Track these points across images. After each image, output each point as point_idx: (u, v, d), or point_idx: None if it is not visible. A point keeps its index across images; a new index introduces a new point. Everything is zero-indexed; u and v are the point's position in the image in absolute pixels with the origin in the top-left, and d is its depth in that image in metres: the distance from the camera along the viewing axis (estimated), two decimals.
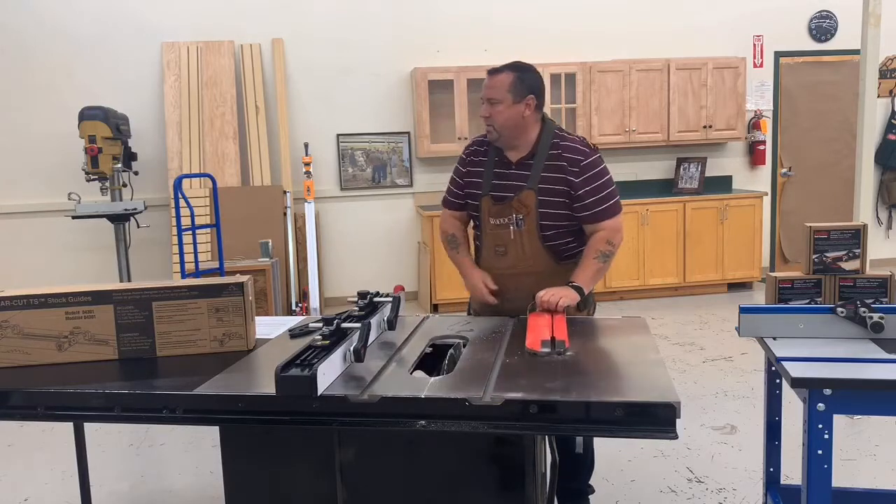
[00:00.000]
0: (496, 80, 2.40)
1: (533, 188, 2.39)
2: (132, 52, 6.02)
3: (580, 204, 2.40)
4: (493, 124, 2.40)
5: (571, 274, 2.40)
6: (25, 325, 2.02)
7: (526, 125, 2.42)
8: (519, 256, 2.43)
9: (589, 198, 2.39)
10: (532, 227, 2.40)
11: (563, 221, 2.42)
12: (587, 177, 2.39)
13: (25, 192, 6.00)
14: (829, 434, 1.69)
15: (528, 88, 2.41)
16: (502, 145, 2.47)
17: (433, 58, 6.35)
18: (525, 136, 2.43)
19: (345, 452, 1.76)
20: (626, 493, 2.98)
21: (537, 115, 2.45)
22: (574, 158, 2.38)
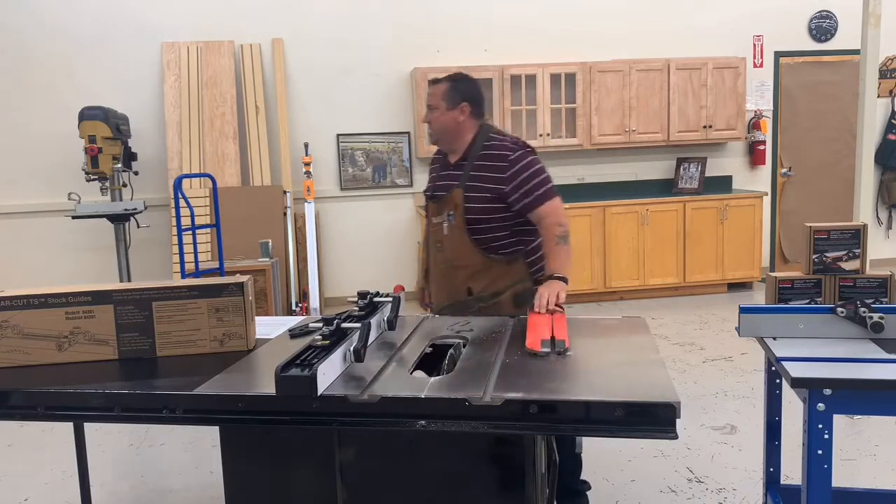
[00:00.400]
0: (434, 89, 2.64)
1: (461, 186, 2.56)
2: (132, 52, 6.02)
3: (515, 195, 2.51)
4: (432, 128, 2.67)
5: (503, 269, 2.55)
6: (25, 325, 2.02)
7: (461, 130, 2.61)
8: (453, 250, 2.59)
9: (522, 187, 2.51)
10: (461, 222, 2.55)
11: (491, 215, 2.53)
12: (516, 169, 2.52)
13: (25, 192, 6.00)
14: (829, 434, 1.69)
15: (461, 96, 2.59)
16: (442, 148, 2.72)
17: (433, 58, 6.35)
18: (461, 140, 2.61)
19: (345, 452, 1.76)
20: (626, 493, 2.98)
21: (473, 121, 2.62)
22: (502, 155, 2.54)
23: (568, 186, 6.70)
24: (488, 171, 2.53)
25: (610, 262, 6.28)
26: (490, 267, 2.55)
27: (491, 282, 2.55)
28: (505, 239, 2.57)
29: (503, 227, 2.56)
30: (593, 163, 6.76)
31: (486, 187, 2.52)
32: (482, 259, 2.56)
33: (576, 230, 6.16)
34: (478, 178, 2.54)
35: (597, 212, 6.23)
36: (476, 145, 2.59)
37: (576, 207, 6.21)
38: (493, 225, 2.55)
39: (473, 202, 2.53)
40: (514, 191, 2.51)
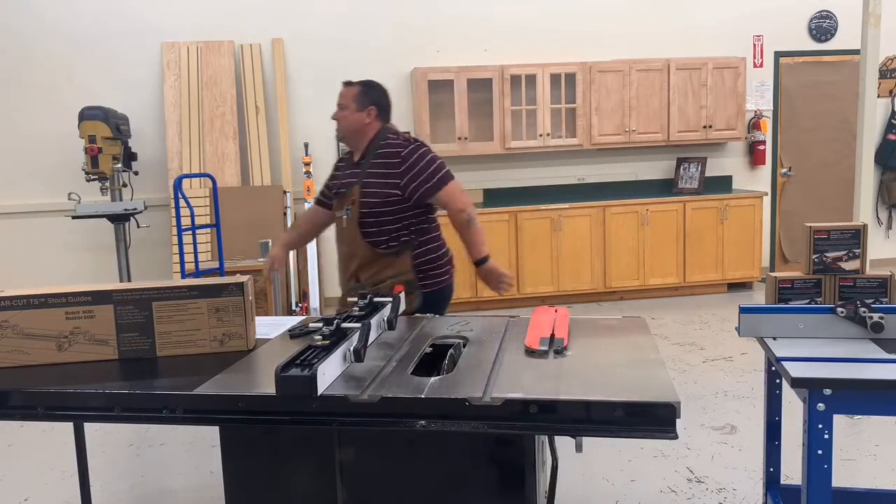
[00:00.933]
0: (346, 90, 2.80)
1: (358, 183, 2.72)
2: (132, 52, 6.02)
3: (412, 186, 2.67)
4: (339, 127, 2.82)
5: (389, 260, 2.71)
6: (25, 325, 2.02)
7: (365, 130, 2.78)
8: (349, 242, 2.77)
9: (417, 178, 2.67)
10: (355, 217, 2.72)
11: (384, 209, 2.68)
12: (409, 163, 2.68)
13: (25, 192, 6.00)
14: (829, 434, 1.69)
15: (370, 100, 2.77)
16: (347, 146, 2.88)
17: (433, 58, 6.35)
18: (364, 140, 2.79)
19: (345, 452, 1.76)
20: (626, 493, 2.98)
21: (377, 124, 2.79)
22: (395, 152, 2.71)
23: (568, 186, 6.70)
24: (383, 167, 2.70)
25: (610, 262, 6.28)
26: (378, 259, 2.72)
27: (376, 272, 2.73)
28: (395, 233, 2.72)
29: (395, 222, 2.71)
30: (593, 163, 6.76)
31: (381, 183, 2.69)
32: (371, 252, 2.73)
33: (576, 230, 6.22)
34: (374, 175, 2.71)
35: (597, 212, 6.23)
36: (374, 145, 2.77)
37: (576, 207, 6.21)
38: (384, 219, 2.70)
39: (368, 198, 2.70)
40: (410, 182, 2.67)
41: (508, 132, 6.26)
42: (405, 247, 2.73)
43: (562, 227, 6.17)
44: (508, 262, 6.13)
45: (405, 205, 2.69)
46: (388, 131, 2.79)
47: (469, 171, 6.57)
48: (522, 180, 6.66)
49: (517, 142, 6.30)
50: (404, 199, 2.68)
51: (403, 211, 2.70)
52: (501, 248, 6.12)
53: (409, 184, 2.67)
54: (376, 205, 2.69)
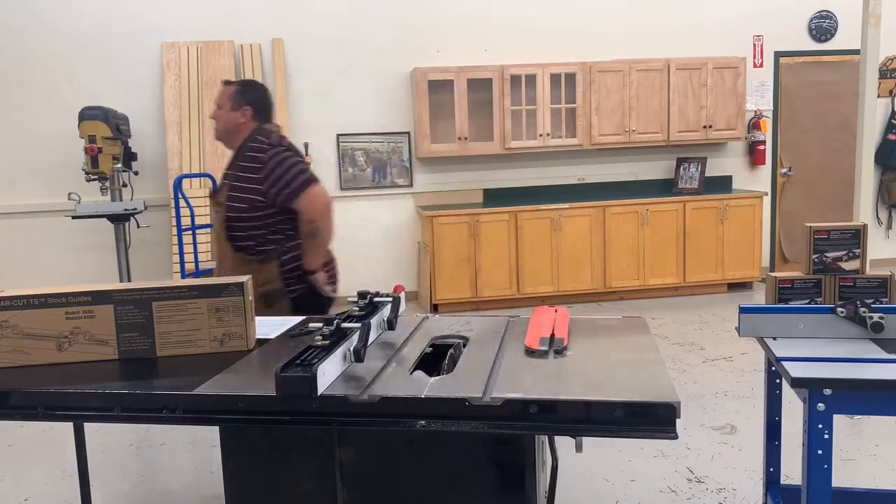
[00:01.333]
0: (224, 89, 2.81)
1: (227, 184, 2.74)
2: (132, 53, 6.02)
3: (272, 191, 2.65)
4: (216, 126, 2.82)
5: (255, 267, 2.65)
6: (25, 325, 2.01)
7: (240, 130, 2.77)
8: (218, 246, 2.78)
9: (276, 184, 2.66)
10: (222, 218, 2.72)
11: (248, 214, 2.67)
12: (269, 168, 2.66)
13: (25, 192, 6.00)
14: (829, 434, 1.69)
15: (246, 101, 2.76)
16: (225, 146, 2.86)
17: (433, 58, 6.35)
18: (238, 140, 2.78)
19: (345, 452, 1.76)
20: (626, 493, 2.98)
21: (253, 125, 2.78)
22: (257, 157, 2.68)
23: (568, 186, 6.70)
24: (247, 171, 2.69)
25: (610, 262, 6.29)
26: (244, 265, 2.68)
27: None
28: (260, 238, 2.69)
29: (260, 227, 2.69)
30: (593, 163, 6.77)
31: (245, 187, 2.67)
32: (237, 257, 2.71)
33: (576, 230, 6.22)
34: (240, 178, 2.70)
35: (597, 212, 6.23)
36: (244, 147, 2.75)
37: (576, 207, 6.21)
38: (248, 224, 2.68)
39: (234, 201, 2.69)
40: (270, 188, 2.65)
41: (508, 132, 6.27)
42: (272, 253, 2.69)
43: (562, 227, 6.17)
44: (508, 261, 6.14)
45: (270, 210, 2.66)
46: (260, 133, 2.74)
47: (469, 171, 6.57)
48: (522, 180, 6.66)
49: (517, 142, 6.31)
50: (268, 205, 2.65)
51: (269, 217, 2.66)
52: (501, 248, 6.12)
53: (269, 189, 2.65)
54: (243, 210, 2.66)
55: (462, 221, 6.06)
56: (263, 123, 2.80)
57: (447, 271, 6.07)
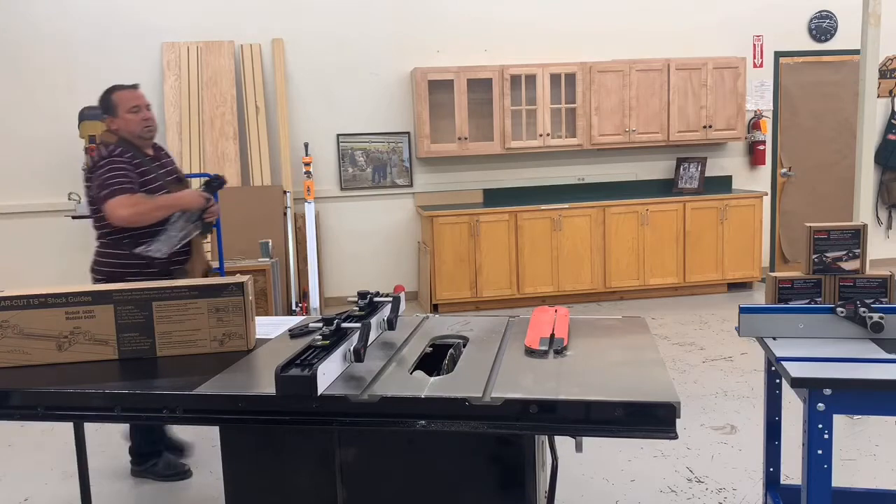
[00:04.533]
0: (140, 92, 3.09)
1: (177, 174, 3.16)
2: (132, 53, 6.02)
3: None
4: (153, 127, 3.06)
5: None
6: (25, 325, 2.02)
7: None
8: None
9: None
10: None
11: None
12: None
13: (25, 193, 5.99)
14: (829, 434, 1.69)
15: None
16: (148, 144, 3.07)
17: (433, 58, 6.35)
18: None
19: (345, 452, 1.76)
20: (625, 493, 2.98)
21: None
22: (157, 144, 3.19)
23: (568, 186, 6.70)
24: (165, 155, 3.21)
25: (610, 262, 6.29)
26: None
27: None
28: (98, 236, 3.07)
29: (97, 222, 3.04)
30: (593, 163, 6.76)
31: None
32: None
33: (576, 230, 6.22)
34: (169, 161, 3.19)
35: (597, 212, 6.23)
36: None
37: (576, 207, 6.21)
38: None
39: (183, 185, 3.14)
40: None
41: (508, 132, 6.27)
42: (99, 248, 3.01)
43: (562, 227, 6.17)
44: (508, 261, 6.14)
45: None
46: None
47: (469, 171, 6.57)
48: (522, 180, 6.66)
49: (517, 142, 6.30)
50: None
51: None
52: (501, 248, 6.13)
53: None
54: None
55: (462, 221, 6.06)
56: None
57: (447, 271, 6.07)
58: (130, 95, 3.04)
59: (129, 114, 3.00)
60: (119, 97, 3.02)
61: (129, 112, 3.00)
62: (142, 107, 3.03)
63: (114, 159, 2.92)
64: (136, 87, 3.11)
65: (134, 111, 3.00)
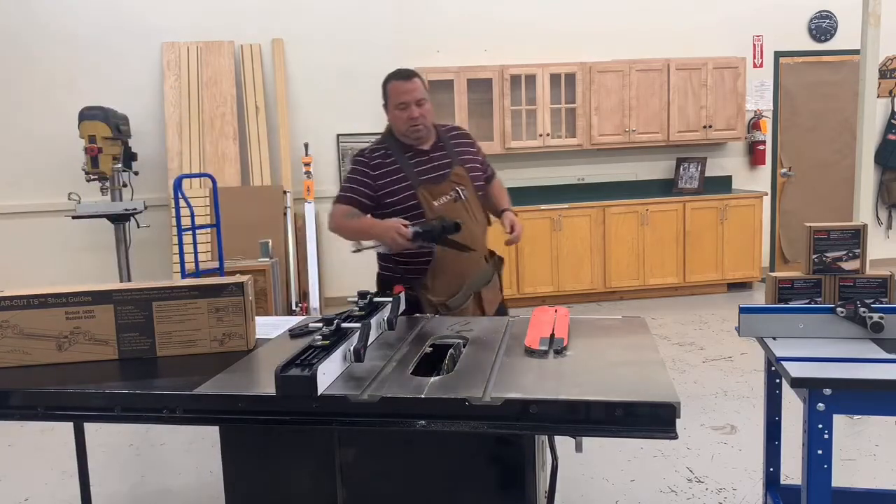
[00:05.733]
0: (415, 83, 2.65)
1: (460, 164, 2.72)
2: (132, 53, 6.02)
3: (484, 165, 2.87)
4: (424, 122, 2.66)
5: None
6: (25, 325, 2.02)
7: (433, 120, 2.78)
8: (473, 223, 2.72)
9: (486, 161, 2.90)
10: (472, 194, 2.73)
11: (483, 183, 2.83)
12: (479, 146, 2.89)
13: (25, 193, 6.00)
14: (829, 434, 1.69)
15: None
16: (421, 140, 2.71)
17: (433, 58, 6.35)
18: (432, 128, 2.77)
19: (345, 452, 1.76)
20: (625, 493, 2.98)
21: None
22: (466, 133, 2.88)
23: (568, 186, 6.70)
24: (465, 146, 2.79)
25: (610, 262, 6.28)
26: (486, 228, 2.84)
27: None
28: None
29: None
30: (593, 163, 6.76)
31: (472, 159, 2.78)
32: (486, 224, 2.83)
33: (576, 230, 6.22)
34: (464, 153, 2.77)
35: (597, 212, 6.23)
36: (437, 129, 2.79)
37: (576, 207, 6.21)
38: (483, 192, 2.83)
39: (472, 172, 2.75)
40: (483, 163, 2.86)
41: (508, 132, 6.27)
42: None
43: (562, 227, 6.17)
44: (508, 261, 6.12)
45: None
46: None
47: None
48: (522, 180, 6.66)
49: (517, 142, 6.30)
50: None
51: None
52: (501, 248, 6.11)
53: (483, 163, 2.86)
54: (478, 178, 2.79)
55: None
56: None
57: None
58: (401, 88, 2.63)
59: (397, 110, 2.65)
60: (391, 89, 2.66)
61: (397, 108, 2.64)
62: (410, 103, 2.61)
63: (356, 159, 2.76)
64: (411, 76, 2.65)
65: (401, 108, 2.63)
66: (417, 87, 2.62)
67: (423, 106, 2.63)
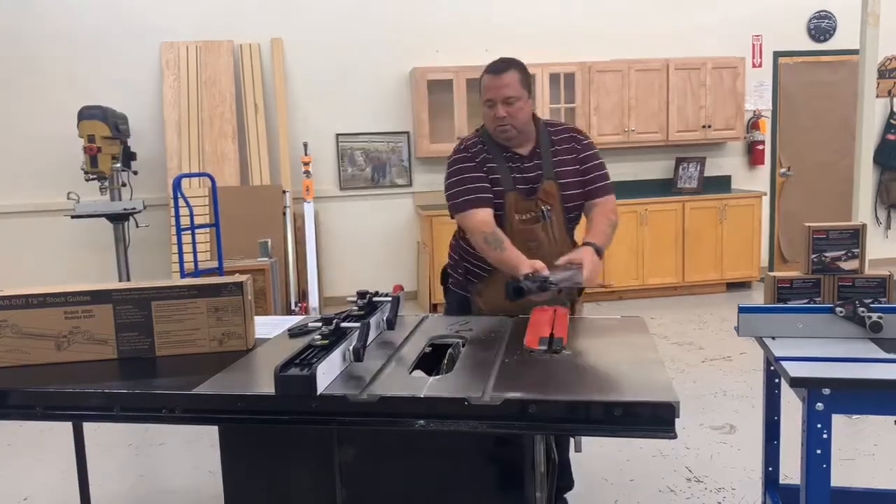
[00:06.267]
0: (507, 77, 2.35)
1: (552, 178, 2.43)
2: (132, 52, 6.02)
3: (589, 178, 2.50)
4: (514, 123, 2.37)
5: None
6: (24, 324, 2.01)
7: (531, 118, 2.47)
8: (551, 246, 2.44)
9: (595, 172, 2.52)
10: (559, 217, 2.46)
11: (580, 202, 2.51)
12: (590, 153, 2.51)
13: (25, 192, 6.00)
14: (828, 434, 1.69)
15: (530, 82, 2.44)
16: (514, 143, 2.44)
17: (432, 57, 6.35)
18: (530, 129, 2.46)
19: (344, 452, 1.76)
20: (624, 493, 2.98)
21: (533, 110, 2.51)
22: (577, 138, 2.50)
23: None
24: (568, 154, 2.46)
25: (609, 261, 6.27)
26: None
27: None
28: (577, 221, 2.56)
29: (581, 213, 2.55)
30: None
31: (572, 172, 2.46)
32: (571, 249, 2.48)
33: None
34: (563, 163, 2.45)
35: None
36: (541, 133, 2.45)
37: None
38: (579, 213, 2.55)
39: (567, 189, 2.45)
40: (590, 173, 2.49)
41: None
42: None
43: None
44: None
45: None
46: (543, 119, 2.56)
47: None
48: None
49: None
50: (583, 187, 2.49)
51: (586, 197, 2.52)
52: None
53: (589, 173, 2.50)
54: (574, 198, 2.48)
55: None
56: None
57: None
58: (490, 83, 2.38)
59: (485, 107, 2.40)
60: (483, 83, 2.41)
61: (485, 104, 2.40)
62: (496, 101, 2.35)
63: (458, 157, 2.46)
64: (505, 69, 2.37)
65: (488, 105, 2.38)
66: (508, 83, 2.34)
67: (514, 105, 2.34)
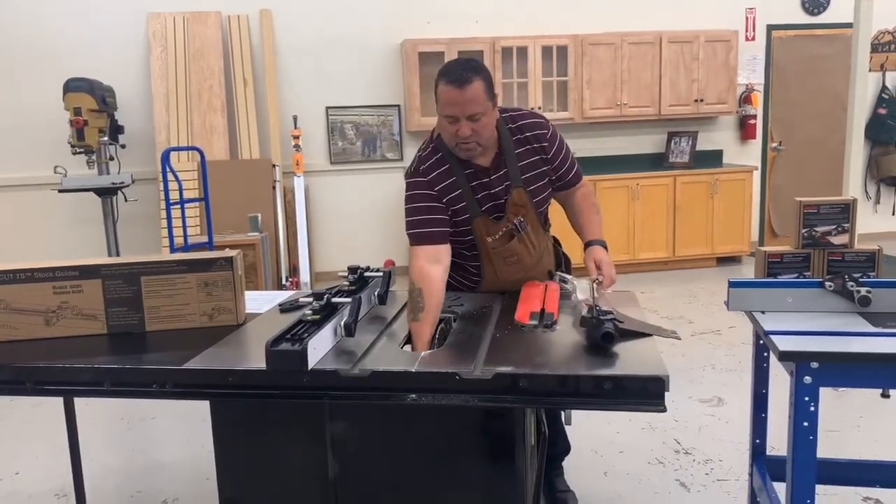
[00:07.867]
0: (471, 91, 2.04)
1: (521, 186, 2.24)
2: (118, 23, 5.92)
3: (563, 171, 2.34)
4: (479, 140, 2.12)
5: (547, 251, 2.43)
6: (12, 299, 2.00)
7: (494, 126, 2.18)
8: (530, 255, 2.35)
9: (566, 163, 2.34)
10: (533, 221, 2.31)
11: (549, 194, 2.37)
12: (556, 147, 2.29)
13: (10, 166, 5.92)
14: (815, 406, 1.71)
15: (493, 86, 2.15)
16: (475, 157, 2.20)
17: (423, 29, 6.28)
18: (494, 137, 2.20)
19: (336, 426, 1.77)
20: (614, 465, 3.01)
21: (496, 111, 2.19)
22: (539, 135, 2.26)
23: None
24: (532, 153, 2.25)
25: None
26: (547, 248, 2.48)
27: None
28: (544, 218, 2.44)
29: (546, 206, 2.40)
30: (584, 137, 6.73)
31: (539, 172, 2.27)
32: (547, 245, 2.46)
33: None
34: (528, 167, 2.25)
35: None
36: (503, 134, 2.22)
37: None
38: (548, 207, 2.41)
39: (537, 195, 2.28)
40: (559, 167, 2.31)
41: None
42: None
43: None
44: None
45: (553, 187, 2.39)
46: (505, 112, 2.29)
47: None
48: None
49: None
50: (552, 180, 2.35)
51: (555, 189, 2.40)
52: None
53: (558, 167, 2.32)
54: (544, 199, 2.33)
55: None
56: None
57: None
58: (451, 98, 2.06)
59: (444, 119, 2.11)
60: (443, 95, 2.08)
61: (444, 118, 2.11)
62: (460, 119, 2.06)
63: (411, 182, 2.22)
64: (468, 81, 2.03)
65: (449, 121, 2.09)
66: (472, 97, 2.03)
67: (479, 121, 2.07)
